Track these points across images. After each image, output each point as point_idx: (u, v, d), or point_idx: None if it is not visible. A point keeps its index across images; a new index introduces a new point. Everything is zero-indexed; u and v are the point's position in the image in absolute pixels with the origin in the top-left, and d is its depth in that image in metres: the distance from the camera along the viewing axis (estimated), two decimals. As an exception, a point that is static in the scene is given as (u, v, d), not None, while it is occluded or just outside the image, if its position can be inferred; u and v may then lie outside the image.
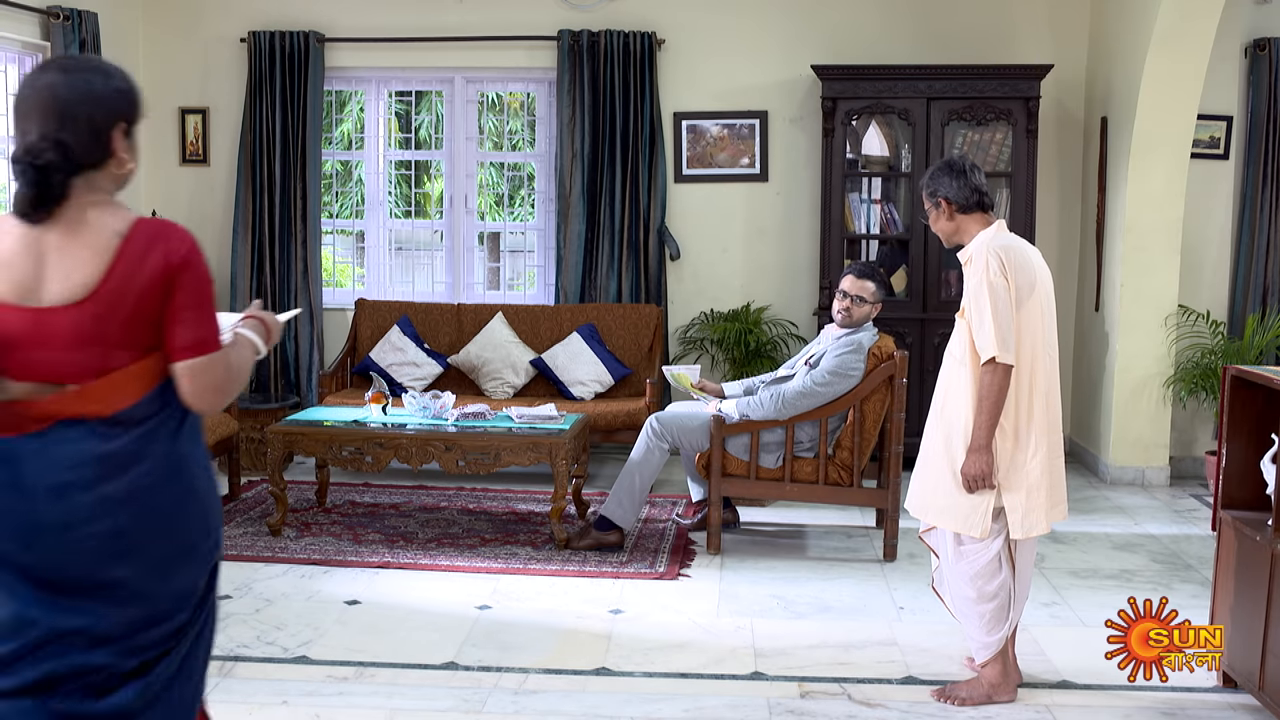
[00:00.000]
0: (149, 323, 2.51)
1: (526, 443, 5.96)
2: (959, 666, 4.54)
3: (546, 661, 4.55)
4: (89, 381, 2.49)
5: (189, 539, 2.60)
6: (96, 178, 2.54)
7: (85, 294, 2.47)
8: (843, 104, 7.71)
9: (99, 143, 2.52)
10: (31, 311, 2.47)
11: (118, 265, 2.48)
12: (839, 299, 5.97)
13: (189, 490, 2.61)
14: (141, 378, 2.53)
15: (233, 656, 4.53)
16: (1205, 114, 7.60)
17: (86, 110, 2.51)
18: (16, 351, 2.49)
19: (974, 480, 4.11)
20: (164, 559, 2.56)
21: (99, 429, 2.50)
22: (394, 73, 8.55)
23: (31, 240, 2.49)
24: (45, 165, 2.46)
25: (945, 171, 4.29)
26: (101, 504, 2.49)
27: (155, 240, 2.51)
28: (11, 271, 2.48)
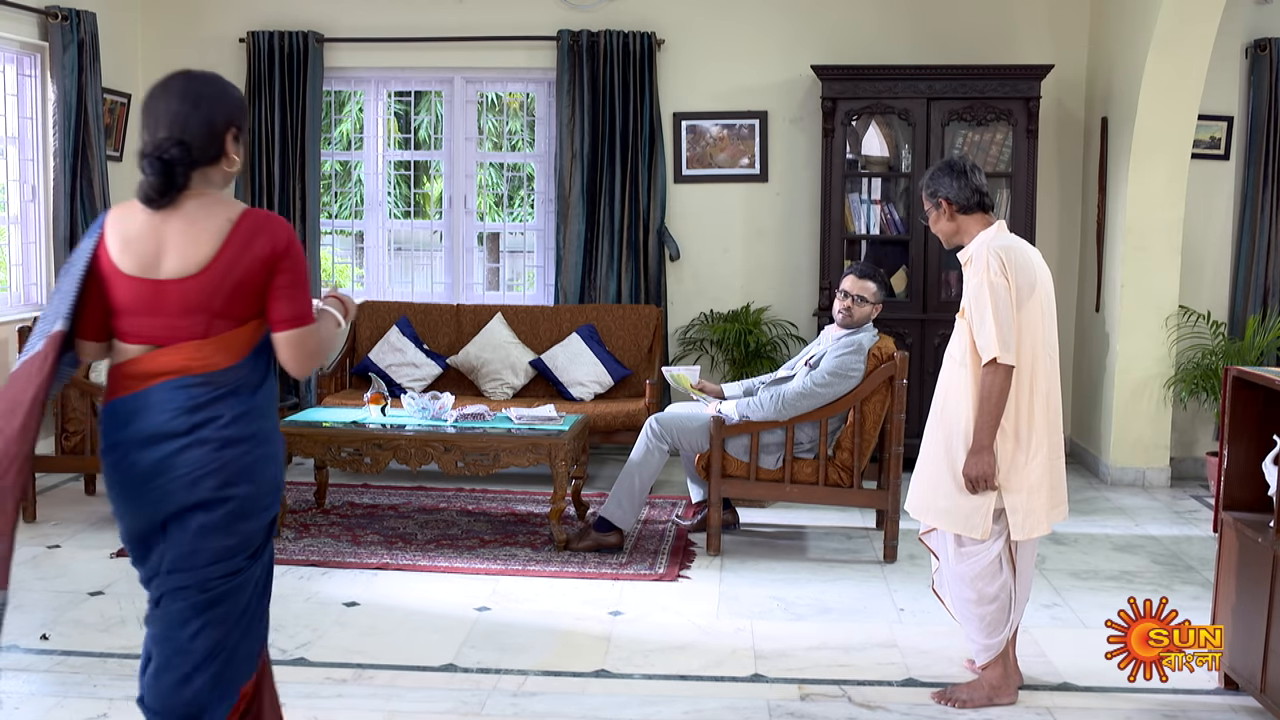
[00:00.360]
0: (249, 297, 2.94)
1: (526, 444, 5.95)
2: (959, 668, 4.52)
3: (545, 663, 4.53)
4: (189, 342, 2.91)
5: (259, 490, 3.00)
6: (210, 172, 2.97)
7: (197, 270, 2.89)
8: (843, 104, 7.70)
9: (214, 143, 2.95)
10: (150, 283, 2.90)
11: (227, 248, 2.90)
12: (840, 299, 5.96)
13: (263, 448, 3.02)
14: (234, 346, 2.95)
15: (231, 658, 4.51)
16: (1206, 114, 7.58)
17: (205, 115, 2.92)
18: (134, 316, 2.93)
19: (975, 481, 4.09)
20: (238, 505, 2.95)
21: (192, 387, 2.91)
22: (393, 73, 8.54)
23: (155, 223, 2.91)
24: (170, 160, 2.87)
25: (946, 172, 4.27)
26: (186, 454, 2.90)
27: (261, 228, 2.94)
28: (136, 249, 2.91)
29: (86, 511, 6.57)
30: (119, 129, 8.13)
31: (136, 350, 2.93)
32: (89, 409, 6.30)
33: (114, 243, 2.93)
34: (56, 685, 4.26)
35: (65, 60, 7.27)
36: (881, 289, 6.00)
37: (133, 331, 2.94)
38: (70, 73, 7.29)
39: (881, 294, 6.00)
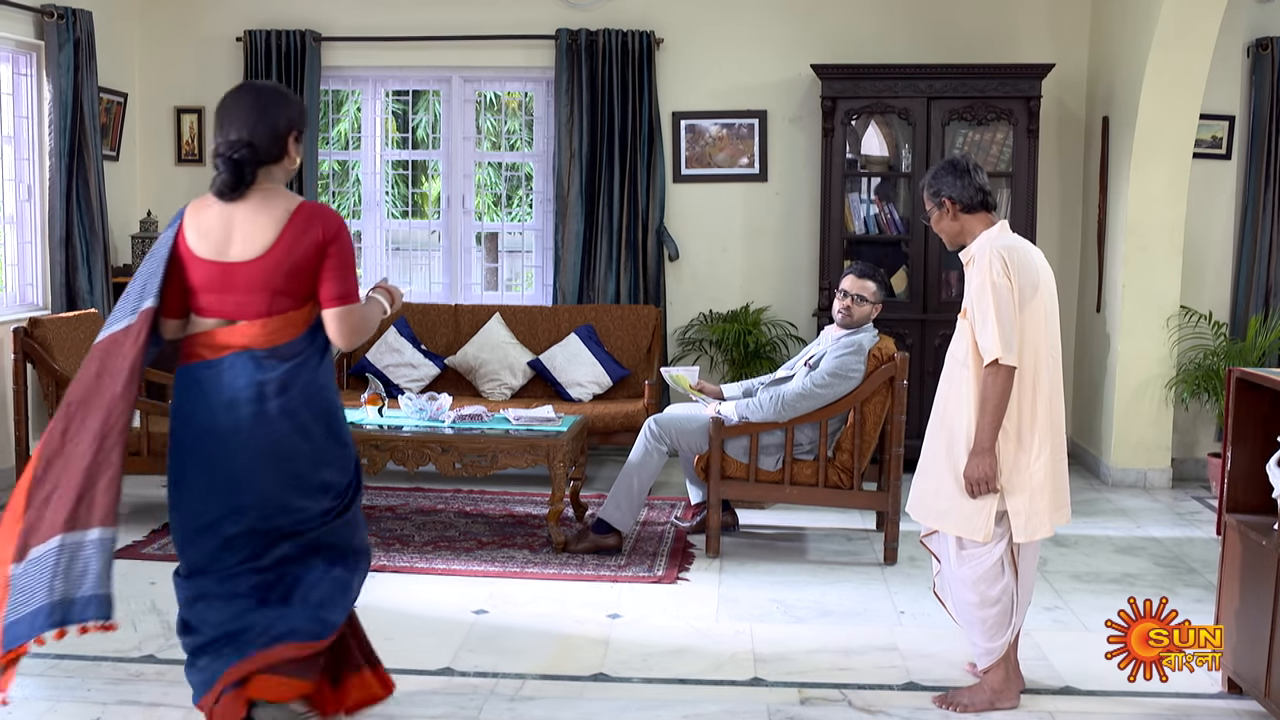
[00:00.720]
0: (304, 278, 3.44)
1: (524, 445, 5.91)
2: (961, 672, 4.48)
3: (543, 667, 4.49)
4: (257, 319, 3.42)
5: (324, 447, 3.55)
6: (274, 170, 3.49)
7: (260, 253, 3.41)
8: (842, 103, 7.66)
9: (278, 144, 3.47)
10: (222, 265, 3.41)
11: (285, 234, 3.41)
12: (839, 298, 5.92)
13: (325, 409, 3.56)
14: (295, 323, 3.47)
15: (226, 662, 4.47)
16: (1207, 114, 7.54)
17: (270, 120, 3.44)
18: (209, 294, 3.43)
19: (977, 484, 4.05)
20: (306, 460, 3.51)
21: (261, 359, 3.43)
22: (391, 72, 8.50)
23: (226, 213, 3.44)
24: (240, 160, 3.39)
25: (948, 171, 4.23)
26: (260, 416, 3.42)
27: (314, 219, 3.44)
28: (210, 236, 3.43)
29: (82, 513, 6.52)
30: (115, 128, 8.09)
31: (211, 324, 3.45)
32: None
33: (191, 231, 3.45)
34: (50, 689, 4.22)
35: (61, 59, 7.22)
36: (881, 289, 5.96)
37: (207, 307, 3.45)
38: (66, 72, 7.25)
39: (881, 294, 5.96)
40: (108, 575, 3.29)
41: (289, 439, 3.47)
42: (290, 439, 3.47)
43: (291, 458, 3.49)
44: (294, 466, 3.49)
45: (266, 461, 3.45)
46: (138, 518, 6.46)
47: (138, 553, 5.83)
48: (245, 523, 3.47)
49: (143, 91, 8.45)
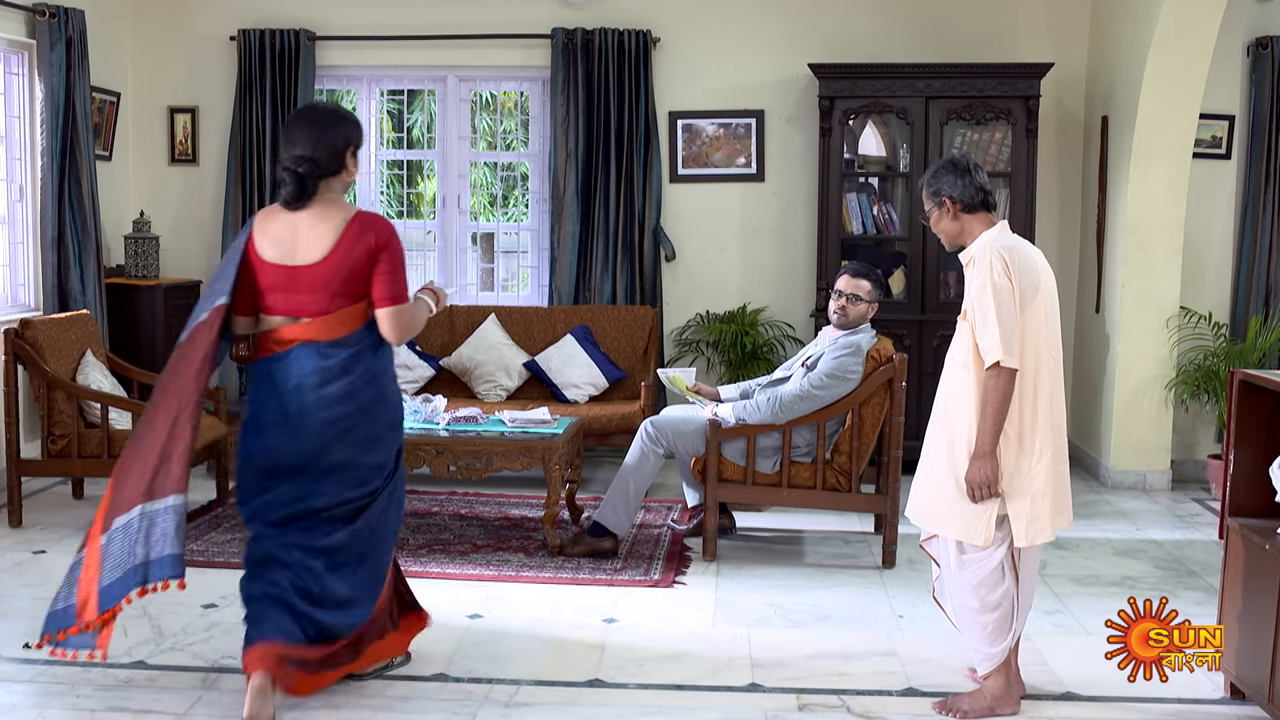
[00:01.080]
0: (359, 280, 3.89)
1: (519, 447, 5.85)
2: (961, 678, 4.43)
3: (538, 673, 4.44)
4: (318, 316, 3.88)
5: (380, 428, 4.02)
6: (333, 181, 3.94)
7: (322, 258, 3.86)
8: (840, 103, 7.61)
9: (336, 159, 3.92)
10: (288, 268, 3.87)
11: (343, 241, 3.86)
12: (834, 298, 5.88)
13: (381, 393, 4.04)
14: (353, 317, 3.92)
15: (217, 668, 4.42)
16: (1207, 113, 7.49)
17: (330, 137, 3.90)
18: (277, 294, 3.90)
19: (978, 488, 4.00)
20: (363, 440, 3.98)
21: (322, 349, 3.90)
22: (386, 71, 8.44)
23: (291, 222, 3.88)
24: (304, 173, 3.84)
25: (949, 170, 4.18)
26: (323, 400, 3.91)
27: (367, 227, 3.89)
28: (278, 243, 3.87)
29: (74, 516, 6.47)
30: (108, 128, 8.03)
31: (279, 321, 3.93)
32: (75, 412, 6.20)
33: (260, 239, 3.90)
34: (39, 697, 4.17)
35: (53, 58, 7.17)
36: (877, 288, 5.91)
37: (274, 306, 3.92)
38: (58, 71, 7.19)
39: (877, 293, 5.91)
40: (179, 536, 3.74)
41: (348, 419, 3.93)
42: (349, 419, 3.94)
43: (349, 436, 3.95)
44: (352, 443, 3.96)
45: (328, 439, 3.92)
46: (130, 521, 6.40)
47: (129, 556, 5.76)
48: (310, 499, 3.95)
49: (136, 91, 8.39)
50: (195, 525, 6.30)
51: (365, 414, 3.97)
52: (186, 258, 8.43)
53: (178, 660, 4.50)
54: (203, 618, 4.93)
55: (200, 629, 4.80)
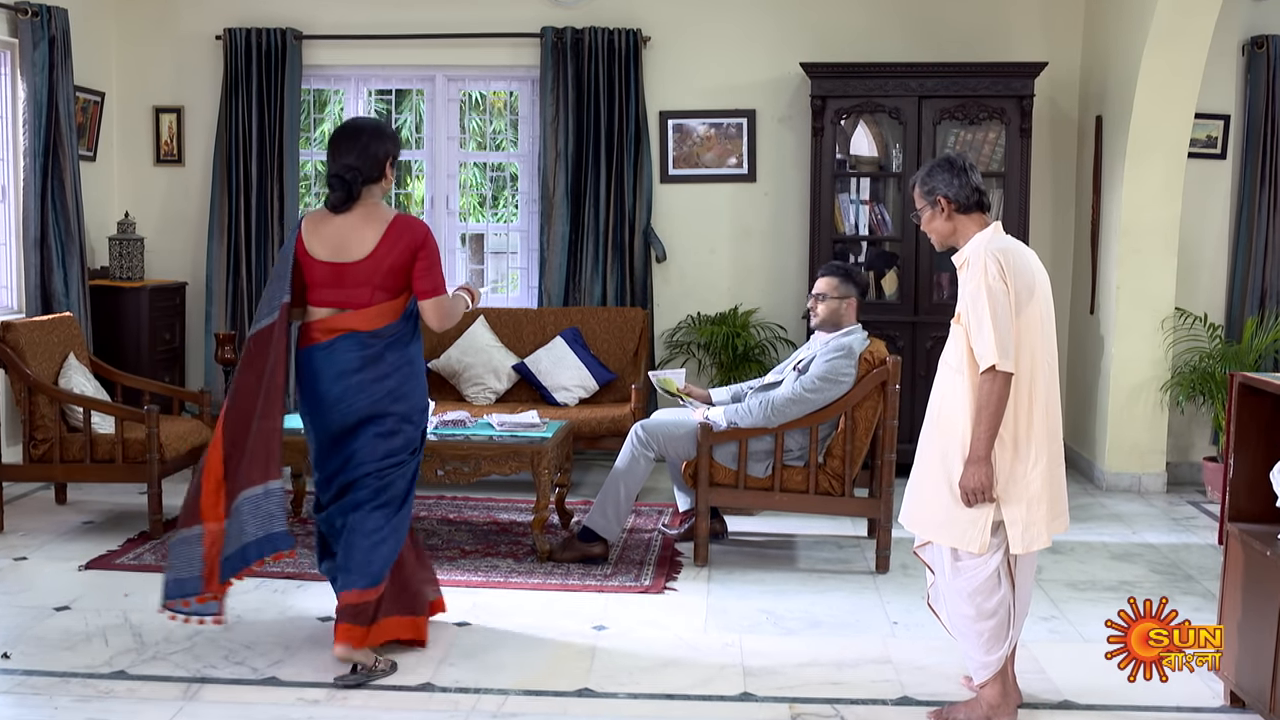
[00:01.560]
0: (400, 275, 4.35)
1: (507, 451, 5.77)
2: (956, 686, 4.36)
3: (527, 682, 4.36)
4: (362, 309, 4.34)
5: (409, 411, 4.45)
6: (374, 188, 4.40)
7: (365, 256, 4.32)
8: (832, 102, 7.54)
9: (377, 167, 4.38)
10: (336, 265, 4.34)
11: (384, 241, 4.32)
12: (809, 301, 5.84)
13: (413, 380, 4.47)
14: (392, 310, 4.38)
15: (199, 679, 4.33)
16: (1202, 113, 7.42)
17: (374, 149, 4.36)
18: (326, 289, 4.37)
19: (973, 494, 3.92)
20: (396, 419, 4.40)
21: (363, 339, 4.34)
22: (374, 71, 8.36)
23: (339, 224, 4.36)
24: (350, 179, 4.32)
25: (944, 169, 4.10)
26: (361, 385, 4.35)
27: (405, 229, 4.35)
28: (328, 242, 4.34)
29: (56, 521, 6.39)
30: (92, 128, 7.94)
31: (325, 313, 4.38)
32: (57, 416, 6.11)
33: (310, 239, 4.37)
34: (15, 707, 4.08)
35: (36, 57, 7.08)
36: (845, 282, 5.82)
37: (322, 300, 4.38)
38: (41, 70, 7.10)
39: (846, 288, 5.82)
40: (284, 514, 4.29)
41: (384, 400, 4.37)
42: (385, 400, 4.37)
43: (386, 415, 4.38)
44: (388, 421, 4.39)
45: (366, 417, 4.37)
46: (113, 526, 6.32)
47: (111, 563, 5.68)
48: (350, 470, 4.40)
49: (120, 90, 8.30)
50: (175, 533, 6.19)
51: (397, 398, 4.39)
52: (172, 259, 8.34)
53: (159, 670, 4.41)
54: (185, 625, 4.82)
55: (182, 638, 4.71)
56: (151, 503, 6.08)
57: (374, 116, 4.83)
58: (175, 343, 8.12)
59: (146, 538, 6.07)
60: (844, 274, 5.85)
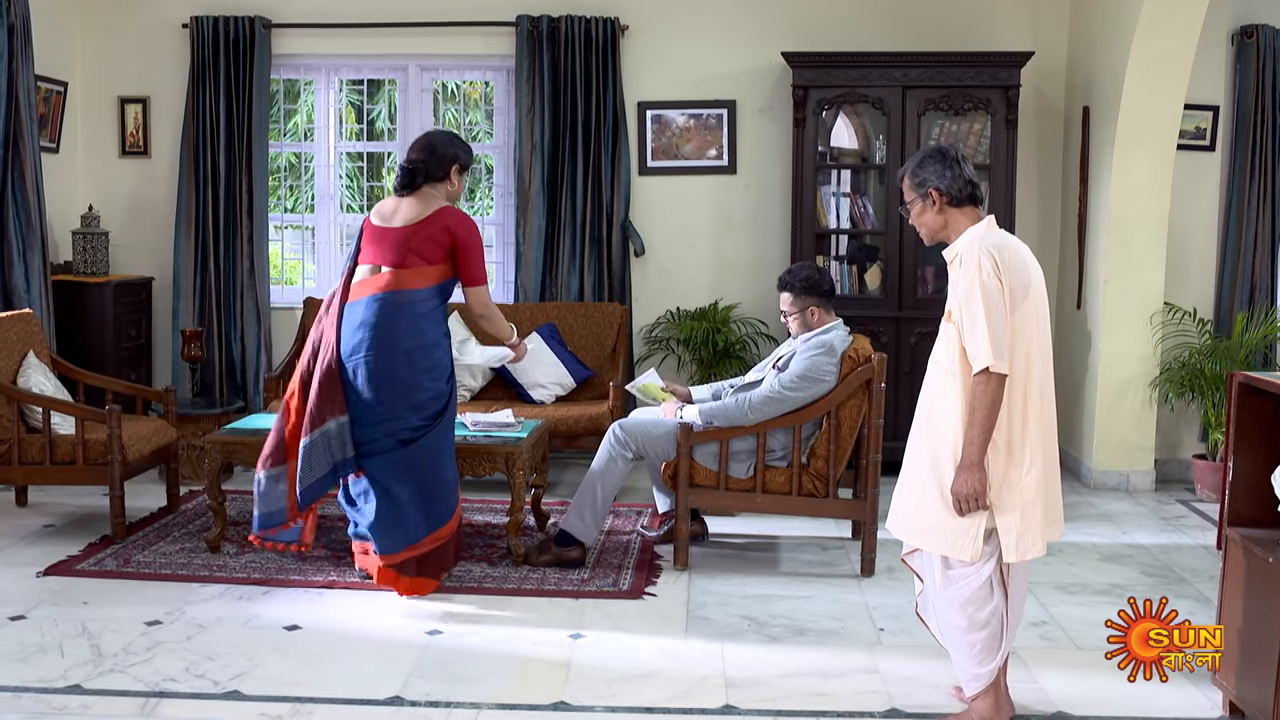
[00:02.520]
0: (434, 247, 5.00)
1: (481, 452, 5.58)
2: (946, 697, 4.21)
3: (500, 695, 4.18)
4: (395, 268, 4.99)
5: (419, 376, 5.00)
6: (437, 186, 5.12)
7: (405, 225, 5.03)
8: (814, 93, 7.37)
9: (441, 167, 5.10)
10: (382, 229, 5.07)
11: (428, 219, 5.01)
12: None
13: (423, 345, 5.01)
14: (420, 277, 5.02)
15: (157, 692, 4.14)
16: (1191, 104, 7.28)
17: (442, 151, 5.12)
18: (370, 247, 5.08)
19: (965, 500, 3.76)
20: (406, 381, 4.98)
21: (381, 301, 4.97)
22: (345, 60, 8.16)
23: (397, 201, 5.12)
24: (414, 169, 5.07)
25: (936, 160, 3.94)
26: (374, 341, 4.95)
27: (448, 214, 5.05)
28: (383, 211, 5.12)
29: (15, 525, 6.19)
30: (54, 119, 7.72)
31: (365, 270, 5.09)
32: (16, 416, 5.90)
33: (373, 212, 5.19)
34: (-38, 726, 3.90)
35: (-6, 45, 6.86)
36: (802, 295, 5.65)
37: (365, 258, 5.10)
38: (0, 59, 6.87)
39: (805, 299, 5.64)
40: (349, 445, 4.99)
41: (392, 359, 4.95)
42: (393, 360, 4.95)
43: (395, 376, 4.95)
44: (396, 383, 4.95)
45: (377, 375, 4.95)
46: (75, 529, 6.12)
47: (71, 569, 5.48)
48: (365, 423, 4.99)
49: (84, 80, 8.07)
50: (143, 534, 6.02)
51: (410, 360, 4.97)
52: (138, 253, 8.12)
53: (116, 684, 4.22)
54: (145, 635, 4.66)
55: (142, 648, 4.53)
56: (113, 505, 5.88)
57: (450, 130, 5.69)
58: (141, 340, 7.91)
59: (109, 542, 5.87)
60: (794, 287, 5.68)
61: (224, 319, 7.95)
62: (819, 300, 5.67)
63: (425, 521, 5.09)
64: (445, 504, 5.14)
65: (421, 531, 5.09)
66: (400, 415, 4.98)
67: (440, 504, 5.12)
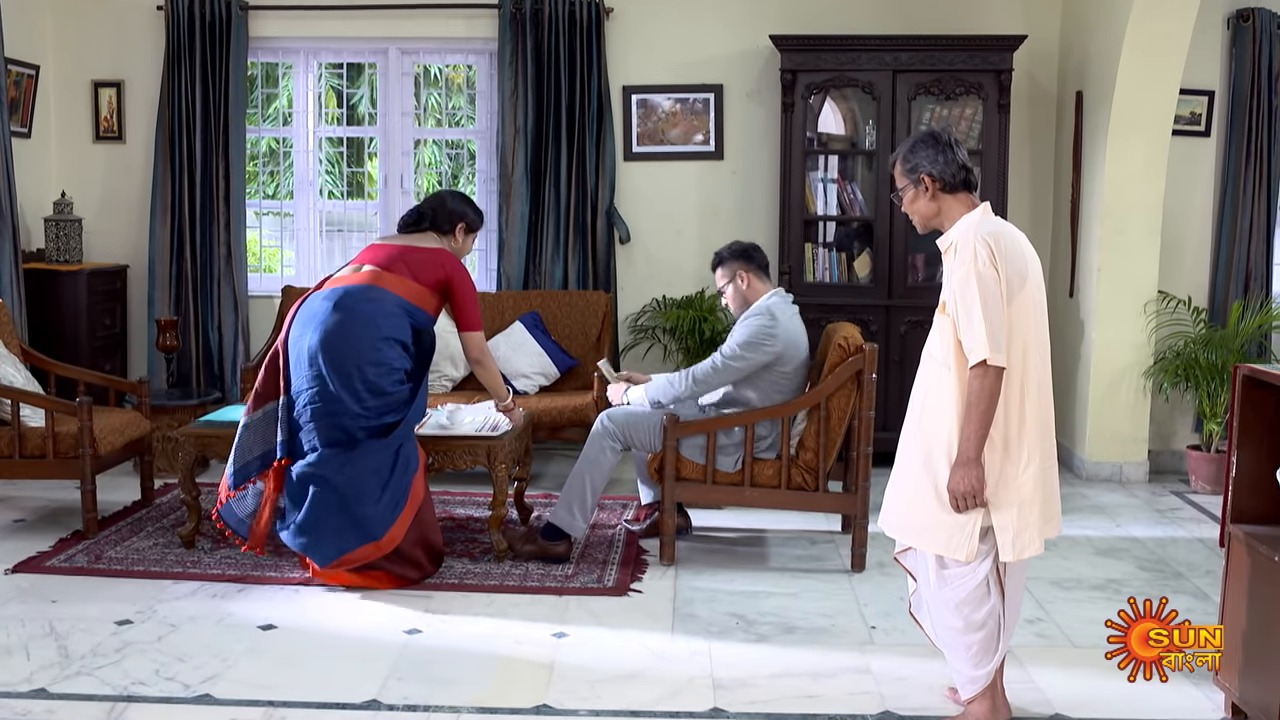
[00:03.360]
0: (423, 268, 5.08)
1: (462, 446, 5.44)
2: (940, 699, 4.08)
3: (480, 698, 4.05)
4: (378, 268, 5.05)
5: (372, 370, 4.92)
6: (442, 237, 5.26)
7: (404, 245, 5.14)
8: (803, 77, 7.23)
9: (449, 223, 5.27)
10: (380, 244, 5.22)
11: (427, 249, 5.14)
12: None
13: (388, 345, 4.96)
14: (404, 287, 5.03)
15: (125, 696, 4.00)
16: (1186, 88, 7.13)
17: (451, 207, 5.31)
18: (363, 255, 5.15)
19: (962, 498, 3.63)
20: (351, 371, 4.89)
21: (347, 290, 4.99)
22: (323, 44, 7.99)
23: (403, 239, 5.21)
24: (420, 212, 5.29)
25: (929, 144, 3.80)
26: (334, 319, 4.90)
27: (443, 255, 5.16)
28: (404, 239, 5.22)
29: (-17, 520, 6.04)
30: (26, 103, 7.54)
31: (349, 270, 5.14)
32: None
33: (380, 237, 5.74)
34: (-80, 733, 3.75)
35: (-38, 27, 6.68)
36: (728, 263, 5.60)
37: (357, 259, 5.18)
38: (-32, 41, 6.71)
39: (731, 265, 5.58)
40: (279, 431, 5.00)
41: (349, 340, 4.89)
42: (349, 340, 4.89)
43: (339, 359, 4.87)
44: (340, 366, 4.87)
45: (324, 353, 4.88)
46: (46, 524, 5.98)
47: (41, 565, 5.33)
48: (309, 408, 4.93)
49: (56, 63, 7.89)
50: (116, 529, 5.87)
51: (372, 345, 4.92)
52: (112, 241, 7.95)
53: (83, 687, 4.07)
54: (115, 636, 4.52)
55: (111, 649, 4.39)
56: (85, 500, 5.72)
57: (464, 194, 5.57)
58: (116, 329, 7.74)
59: (80, 537, 5.72)
60: (718, 257, 5.64)
61: (200, 308, 7.79)
62: (746, 264, 5.58)
63: (355, 532, 4.94)
64: (378, 521, 4.96)
65: (351, 542, 4.95)
66: (343, 396, 4.88)
67: (374, 520, 4.95)
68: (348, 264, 5.22)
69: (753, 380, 5.48)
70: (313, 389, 4.90)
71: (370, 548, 4.95)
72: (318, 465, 4.90)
